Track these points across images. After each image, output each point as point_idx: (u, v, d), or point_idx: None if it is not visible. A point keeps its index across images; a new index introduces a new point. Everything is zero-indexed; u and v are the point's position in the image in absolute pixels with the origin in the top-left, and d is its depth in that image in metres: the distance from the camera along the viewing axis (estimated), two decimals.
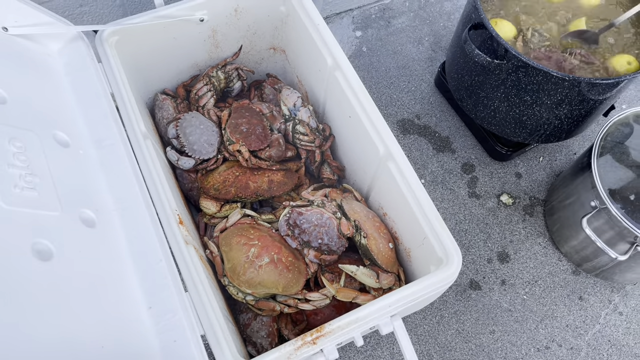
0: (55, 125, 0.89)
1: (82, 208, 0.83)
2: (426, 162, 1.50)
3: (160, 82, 1.27)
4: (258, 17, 1.24)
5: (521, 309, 1.33)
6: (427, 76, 1.64)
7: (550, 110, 1.21)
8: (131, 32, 1.08)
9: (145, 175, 0.93)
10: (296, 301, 1.05)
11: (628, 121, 1.24)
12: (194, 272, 0.87)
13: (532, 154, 1.53)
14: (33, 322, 0.65)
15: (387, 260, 1.07)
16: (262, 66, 1.40)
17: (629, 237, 1.16)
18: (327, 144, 1.26)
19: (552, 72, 1.09)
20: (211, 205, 1.14)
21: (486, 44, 1.17)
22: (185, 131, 1.17)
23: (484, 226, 1.42)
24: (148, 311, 0.80)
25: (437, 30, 1.73)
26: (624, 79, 1.11)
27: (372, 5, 1.76)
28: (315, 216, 1.08)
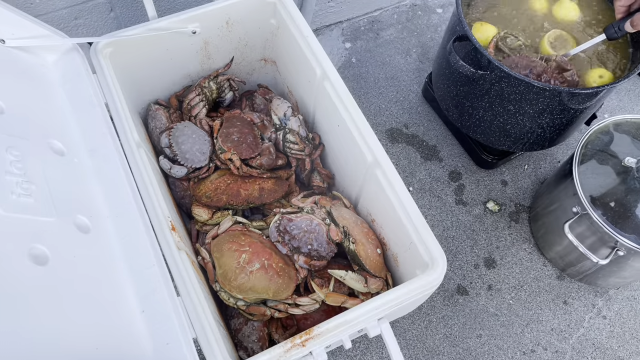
0: (51, 135, 0.91)
1: (77, 214, 0.85)
2: (414, 170, 1.54)
3: (153, 93, 1.30)
4: (249, 29, 1.28)
5: (507, 314, 1.36)
6: (415, 86, 1.68)
7: (533, 119, 1.25)
8: (125, 44, 1.11)
9: (139, 182, 0.95)
10: (286, 306, 1.07)
11: (608, 129, 1.28)
12: (185, 276, 0.89)
13: (517, 162, 1.57)
14: (29, 324, 0.67)
15: (375, 265, 1.10)
16: (254, 77, 1.43)
17: (610, 242, 1.20)
18: (316, 153, 1.29)
19: (534, 83, 1.13)
20: (203, 212, 1.17)
21: (470, 55, 1.21)
22: (177, 140, 1.20)
23: (471, 232, 1.46)
24: (141, 314, 0.82)
25: (424, 42, 1.77)
26: (602, 88, 1.15)
27: (361, 17, 1.81)
28: (304, 222, 1.11)
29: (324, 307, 1.11)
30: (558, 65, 1.22)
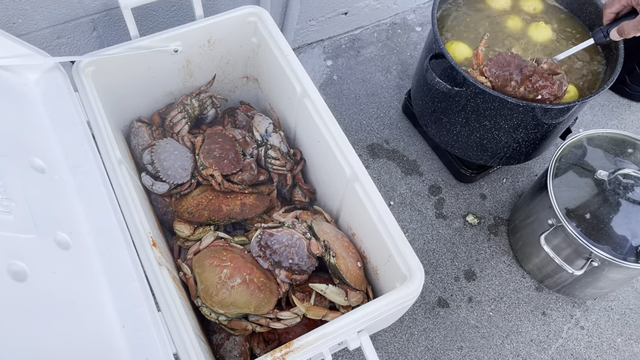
0: (32, 152, 0.92)
1: (57, 231, 0.85)
2: (395, 184, 1.56)
3: (135, 110, 1.31)
4: (231, 47, 1.30)
5: (487, 325, 1.37)
6: (395, 103, 1.71)
7: (508, 134, 1.28)
8: (107, 63, 1.12)
9: (120, 199, 0.96)
10: (268, 320, 1.08)
11: (581, 143, 1.32)
12: (166, 292, 0.90)
13: (495, 176, 1.61)
14: (6, 341, 0.68)
15: (356, 278, 1.11)
16: (236, 94, 1.46)
17: (585, 253, 1.22)
18: (298, 168, 1.30)
19: (508, 99, 1.16)
20: (185, 228, 1.17)
21: (446, 73, 1.25)
22: (159, 157, 1.21)
23: (451, 246, 1.48)
24: (121, 330, 0.83)
25: (404, 59, 1.81)
26: (574, 104, 1.18)
27: (342, 36, 1.85)
28: (285, 237, 1.12)
29: (305, 321, 1.12)
30: (549, 67, 1.23)
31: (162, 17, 1.37)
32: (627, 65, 1.73)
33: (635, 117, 1.79)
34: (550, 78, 1.20)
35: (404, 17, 1.91)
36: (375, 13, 1.84)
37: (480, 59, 1.26)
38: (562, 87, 1.21)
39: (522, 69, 1.20)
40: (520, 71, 1.20)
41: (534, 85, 1.18)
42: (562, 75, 1.22)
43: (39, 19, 1.20)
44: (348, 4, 1.73)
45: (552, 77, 1.21)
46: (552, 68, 1.22)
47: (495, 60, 1.22)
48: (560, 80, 1.21)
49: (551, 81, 1.20)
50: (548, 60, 1.23)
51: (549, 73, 1.22)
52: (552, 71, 1.22)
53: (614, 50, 1.28)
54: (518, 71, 1.20)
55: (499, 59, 1.22)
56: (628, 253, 1.18)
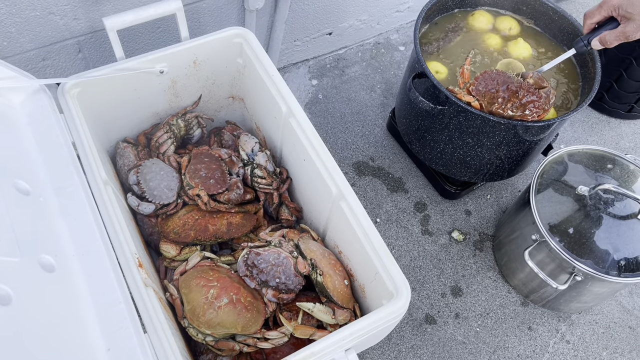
0: (16, 174, 0.92)
1: (42, 254, 0.85)
2: (381, 201, 1.57)
3: (121, 131, 1.31)
4: (216, 68, 1.31)
5: (475, 341, 1.38)
6: (380, 121, 1.73)
7: (491, 151, 1.31)
8: (93, 84, 1.13)
9: (106, 220, 0.96)
10: (255, 340, 1.08)
11: (562, 159, 1.35)
12: (152, 313, 0.89)
13: (480, 192, 1.63)
14: None
15: (343, 296, 1.11)
16: (222, 114, 1.46)
17: (568, 268, 1.24)
18: (284, 187, 1.31)
19: (489, 117, 1.19)
20: (171, 248, 1.17)
21: (429, 92, 1.27)
22: (145, 177, 1.21)
23: (437, 262, 1.49)
24: (107, 353, 0.82)
25: (388, 78, 1.84)
26: (554, 121, 1.21)
27: (327, 55, 1.87)
28: (272, 256, 1.12)
29: (293, 341, 1.12)
30: (535, 82, 1.25)
31: (147, 39, 1.38)
32: (605, 83, 1.78)
33: (615, 133, 1.83)
34: (536, 92, 1.22)
35: (387, 36, 1.95)
36: (359, 33, 1.87)
37: (466, 77, 1.29)
38: (549, 101, 1.23)
39: (509, 85, 1.22)
40: (507, 87, 1.22)
41: (521, 101, 1.21)
42: (549, 89, 1.24)
43: (24, 42, 1.20)
44: (332, 24, 1.76)
45: (538, 91, 1.23)
46: (537, 82, 1.25)
47: (481, 78, 1.24)
48: (547, 94, 1.23)
49: (538, 95, 1.22)
50: (533, 75, 1.26)
51: (535, 87, 1.24)
52: (538, 85, 1.25)
53: (591, 68, 1.31)
54: (504, 87, 1.22)
55: (485, 77, 1.25)
56: (610, 267, 1.20)
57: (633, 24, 1.14)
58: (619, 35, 1.17)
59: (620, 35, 1.17)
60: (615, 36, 1.17)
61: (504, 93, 1.21)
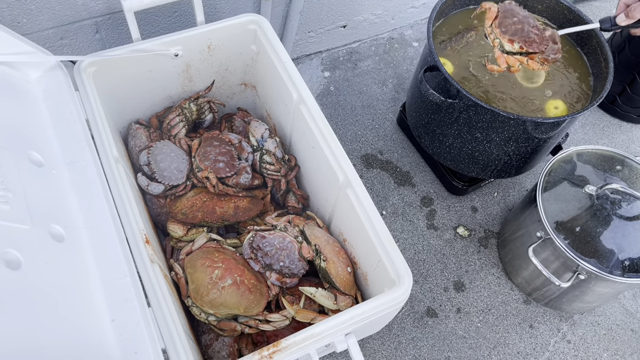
0: (31, 146, 0.94)
1: (52, 223, 0.87)
2: (387, 195, 1.58)
3: (134, 113, 1.33)
4: (230, 54, 1.33)
5: (475, 336, 1.38)
6: (390, 115, 1.74)
7: (500, 146, 1.31)
8: (108, 64, 1.15)
9: (115, 196, 0.98)
10: (257, 322, 1.09)
11: (570, 159, 1.35)
12: (157, 288, 0.91)
13: (487, 190, 1.63)
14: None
15: (345, 283, 1.12)
16: (234, 100, 1.48)
17: (572, 266, 1.24)
18: (292, 174, 1.32)
19: (499, 112, 1.19)
20: (178, 229, 1.19)
21: (440, 85, 1.28)
22: (156, 158, 1.23)
23: (441, 256, 1.50)
24: (111, 323, 0.84)
25: (400, 73, 1.85)
26: (564, 119, 1.21)
27: (340, 48, 1.88)
28: (277, 240, 1.13)
29: (294, 324, 1.13)
30: (552, 35, 1.25)
31: (164, 22, 1.40)
32: (618, 86, 1.77)
33: (626, 137, 1.82)
34: (547, 42, 1.23)
35: (401, 32, 1.95)
36: (374, 27, 1.88)
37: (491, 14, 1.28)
38: (556, 54, 1.23)
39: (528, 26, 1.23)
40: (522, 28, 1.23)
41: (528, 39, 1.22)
42: (559, 47, 1.24)
43: (43, 20, 1.22)
44: (347, 17, 1.76)
45: (549, 41, 1.24)
46: (554, 37, 1.25)
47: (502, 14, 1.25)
48: (556, 51, 1.23)
49: (545, 45, 1.23)
50: (552, 31, 1.26)
51: (550, 40, 1.24)
52: (552, 39, 1.25)
53: (604, 68, 1.31)
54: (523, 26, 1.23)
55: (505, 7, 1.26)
56: (614, 267, 1.20)
57: None
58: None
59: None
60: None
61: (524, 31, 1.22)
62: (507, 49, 1.24)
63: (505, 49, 1.25)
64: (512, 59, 1.25)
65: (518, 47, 1.23)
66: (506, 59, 1.25)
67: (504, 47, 1.25)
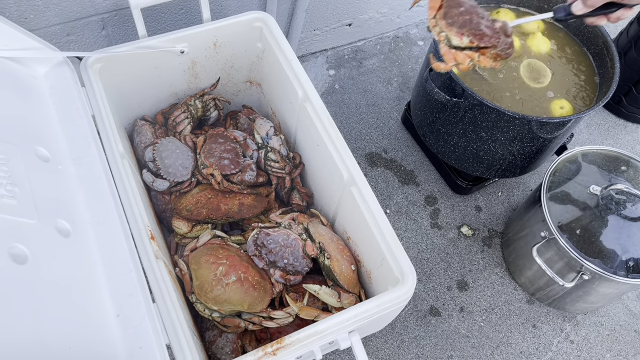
0: (37, 142, 0.94)
1: (58, 218, 0.87)
2: (391, 193, 1.58)
3: (140, 109, 1.34)
4: (236, 51, 1.33)
5: (478, 335, 1.38)
6: (395, 114, 1.74)
7: (504, 146, 1.31)
8: (115, 60, 1.15)
9: (121, 192, 0.98)
10: (261, 319, 1.09)
11: (575, 159, 1.34)
12: (162, 284, 0.91)
13: (491, 189, 1.63)
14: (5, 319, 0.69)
15: (349, 281, 1.13)
16: (239, 98, 1.48)
17: (576, 267, 1.24)
18: (296, 172, 1.33)
19: (505, 111, 1.19)
20: (183, 225, 1.19)
21: (446, 84, 1.27)
22: (161, 155, 1.23)
23: (445, 255, 1.50)
24: (116, 318, 0.84)
25: (405, 72, 1.84)
26: (569, 119, 1.21)
27: (346, 46, 1.88)
28: (281, 237, 1.14)
29: (297, 322, 1.13)
30: (503, 27, 1.07)
31: (170, 19, 1.40)
32: (624, 87, 1.77)
33: (631, 138, 1.81)
34: (498, 35, 1.05)
35: (406, 31, 1.95)
36: (379, 26, 1.88)
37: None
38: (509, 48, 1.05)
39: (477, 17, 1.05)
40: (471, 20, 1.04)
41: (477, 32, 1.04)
42: (512, 41, 1.07)
43: (50, 16, 1.23)
44: (352, 15, 1.76)
45: (500, 34, 1.06)
46: (505, 28, 1.07)
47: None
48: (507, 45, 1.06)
49: (497, 38, 1.05)
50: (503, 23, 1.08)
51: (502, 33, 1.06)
52: (503, 31, 1.07)
53: (610, 68, 1.31)
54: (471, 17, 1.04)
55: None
56: (618, 267, 1.20)
57: None
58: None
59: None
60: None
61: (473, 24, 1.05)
62: (455, 43, 1.05)
63: (452, 43, 1.05)
64: (460, 55, 1.06)
65: (468, 41, 1.03)
66: (454, 54, 1.06)
67: (451, 41, 1.05)
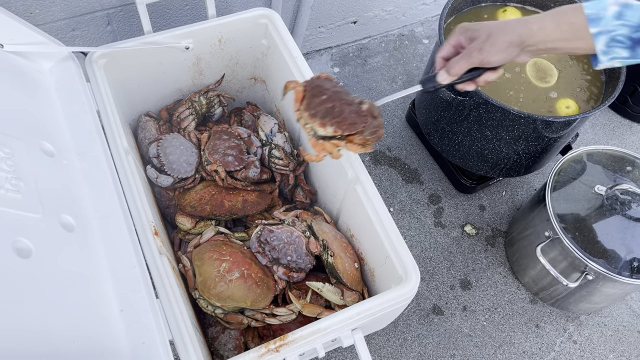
0: (42, 136, 0.94)
1: (63, 213, 0.87)
2: (395, 191, 1.58)
3: (144, 105, 1.34)
4: (241, 48, 1.33)
5: (481, 335, 1.38)
6: (399, 112, 1.73)
7: (509, 145, 1.30)
8: (119, 56, 1.15)
9: (125, 187, 0.98)
10: (263, 316, 1.09)
11: (580, 158, 1.34)
12: (165, 280, 0.91)
13: (495, 188, 1.62)
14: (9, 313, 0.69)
15: (352, 278, 1.12)
16: (243, 94, 1.48)
17: (580, 267, 1.24)
18: (300, 169, 1.32)
19: (510, 110, 1.18)
20: (186, 221, 1.19)
21: None
22: (165, 151, 1.23)
23: (448, 254, 1.49)
24: (120, 313, 0.84)
25: (410, 70, 1.84)
26: (575, 118, 1.21)
27: (350, 44, 1.88)
28: (285, 234, 1.14)
29: (300, 319, 1.13)
30: (369, 109, 1.01)
31: (175, 15, 1.40)
32: (629, 86, 1.76)
33: (636, 138, 1.81)
34: (365, 119, 1.00)
35: (412, 29, 1.94)
36: (384, 24, 1.88)
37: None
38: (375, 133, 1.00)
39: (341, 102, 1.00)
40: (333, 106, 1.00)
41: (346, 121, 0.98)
42: (380, 122, 1.01)
43: (55, 11, 1.23)
44: (357, 13, 1.76)
45: (367, 118, 1.00)
46: (371, 110, 1.01)
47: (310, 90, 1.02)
48: (376, 128, 1.00)
49: (364, 122, 0.99)
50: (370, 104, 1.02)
51: (369, 115, 1.01)
52: (370, 113, 1.01)
53: (617, 68, 1.30)
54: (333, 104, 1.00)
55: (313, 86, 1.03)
56: (623, 268, 1.19)
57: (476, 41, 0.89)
58: (463, 57, 0.89)
59: (463, 57, 0.89)
60: (458, 59, 0.90)
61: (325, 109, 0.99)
62: (321, 134, 0.99)
63: (318, 134, 1.00)
64: (328, 145, 1.00)
65: (332, 130, 0.97)
66: (322, 145, 1.00)
67: (316, 132, 1.00)
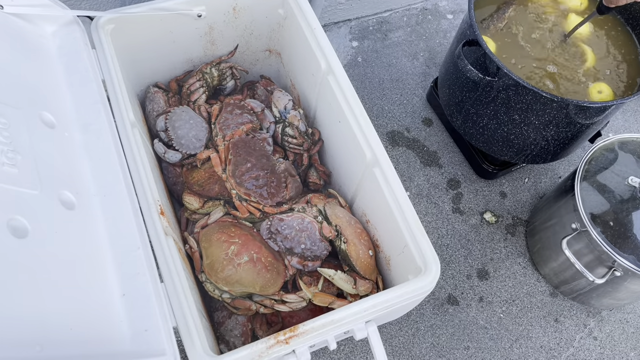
0: (43, 106, 0.88)
1: (63, 190, 0.82)
2: (413, 175, 1.51)
3: (153, 75, 1.27)
4: (256, 17, 1.25)
5: (497, 327, 1.33)
6: (420, 91, 1.65)
7: (538, 130, 1.23)
8: (127, 22, 1.08)
9: (130, 163, 0.92)
10: (272, 302, 1.05)
11: (613, 147, 1.26)
12: (171, 263, 0.86)
13: (517, 175, 1.55)
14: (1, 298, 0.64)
15: (366, 267, 1.07)
16: (257, 67, 1.41)
17: (608, 262, 1.17)
18: (315, 148, 1.26)
19: (542, 93, 1.10)
20: (194, 200, 1.14)
21: (479, 61, 1.19)
22: (174, 125, 1.17)
23: (466, 242, 1.43)
24: (121, 298, 0.79)
25: (432, 46, 1.75)
26: (611, 104, 1.12)
27: (370, 17, 1.78)
28: (296, 221, 1.08)
29: (310, 307, 1.08)
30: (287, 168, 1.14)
31: None
32: None
33: None
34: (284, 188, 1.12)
35: (435, 3, 1.85)
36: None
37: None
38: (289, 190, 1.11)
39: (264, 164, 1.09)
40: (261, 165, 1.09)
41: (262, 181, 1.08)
42: (296, 179, 1.12)
43: None
44: None
45: (287, 178, 1.12)
46: (288, 169, 1.12)
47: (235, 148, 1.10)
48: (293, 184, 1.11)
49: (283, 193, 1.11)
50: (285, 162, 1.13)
51: (284, 180, 1.12)
52: (289, 173, 1.12)
53: None
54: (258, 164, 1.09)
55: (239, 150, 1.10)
56: None
57: None
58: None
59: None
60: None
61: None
62: (244, 199, 1.09)
63: (242, 198, 1.09)
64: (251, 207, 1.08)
65: (255, 201, 1.08)
66: (246, 207, 1.09)
67: (241, 197, 1.09)
